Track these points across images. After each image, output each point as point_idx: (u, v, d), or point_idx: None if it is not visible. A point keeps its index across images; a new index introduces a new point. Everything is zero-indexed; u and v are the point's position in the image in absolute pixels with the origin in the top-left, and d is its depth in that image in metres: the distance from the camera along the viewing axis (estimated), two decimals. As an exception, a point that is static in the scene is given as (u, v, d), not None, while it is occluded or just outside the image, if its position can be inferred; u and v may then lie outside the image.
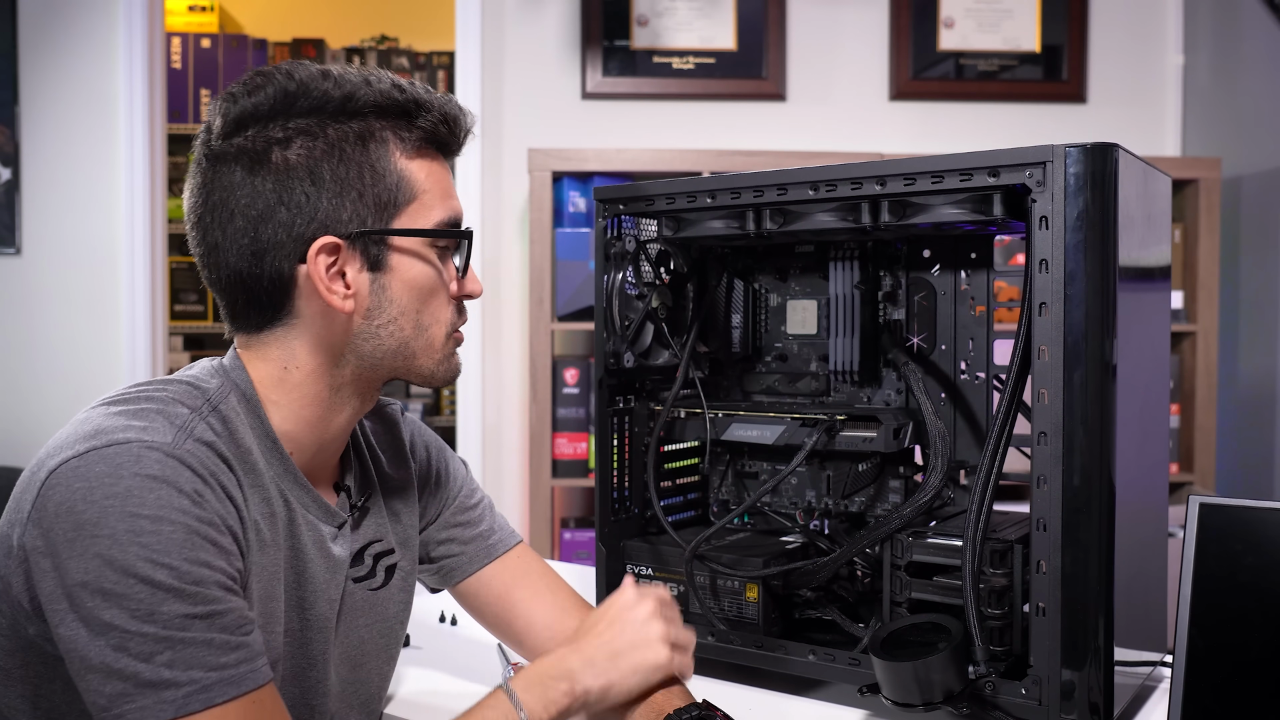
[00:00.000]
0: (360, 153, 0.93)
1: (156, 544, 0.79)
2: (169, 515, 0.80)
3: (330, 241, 0.92)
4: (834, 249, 1.31)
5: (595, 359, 1.34)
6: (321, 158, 0.92)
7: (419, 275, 0.97)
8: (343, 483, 1.06)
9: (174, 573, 0.79)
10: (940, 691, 1.01)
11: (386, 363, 0.98)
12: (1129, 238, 1.04)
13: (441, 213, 0.98)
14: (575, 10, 2.93)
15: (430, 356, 1.00)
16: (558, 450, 2.71)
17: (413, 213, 0.96)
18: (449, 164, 1.02)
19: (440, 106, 0.98)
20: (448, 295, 1.00)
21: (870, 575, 1.28)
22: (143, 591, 0.78)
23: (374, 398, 1.03)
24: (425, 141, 0.98)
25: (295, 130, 0.92)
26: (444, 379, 1.02)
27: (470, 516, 1.20)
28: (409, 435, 1.18)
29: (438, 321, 1.00)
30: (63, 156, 2.96)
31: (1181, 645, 0.95)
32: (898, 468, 1.29)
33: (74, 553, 0.79)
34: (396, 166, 0.95)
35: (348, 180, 0.93)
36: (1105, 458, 1.01)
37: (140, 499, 0.80)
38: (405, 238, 0.96)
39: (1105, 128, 2.94)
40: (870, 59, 2.97)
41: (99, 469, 0.81)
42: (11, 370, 2.99)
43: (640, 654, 1.01)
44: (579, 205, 2.78)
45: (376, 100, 0.94)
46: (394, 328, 0.97)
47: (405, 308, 0.97)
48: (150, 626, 0.78)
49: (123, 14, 2.92)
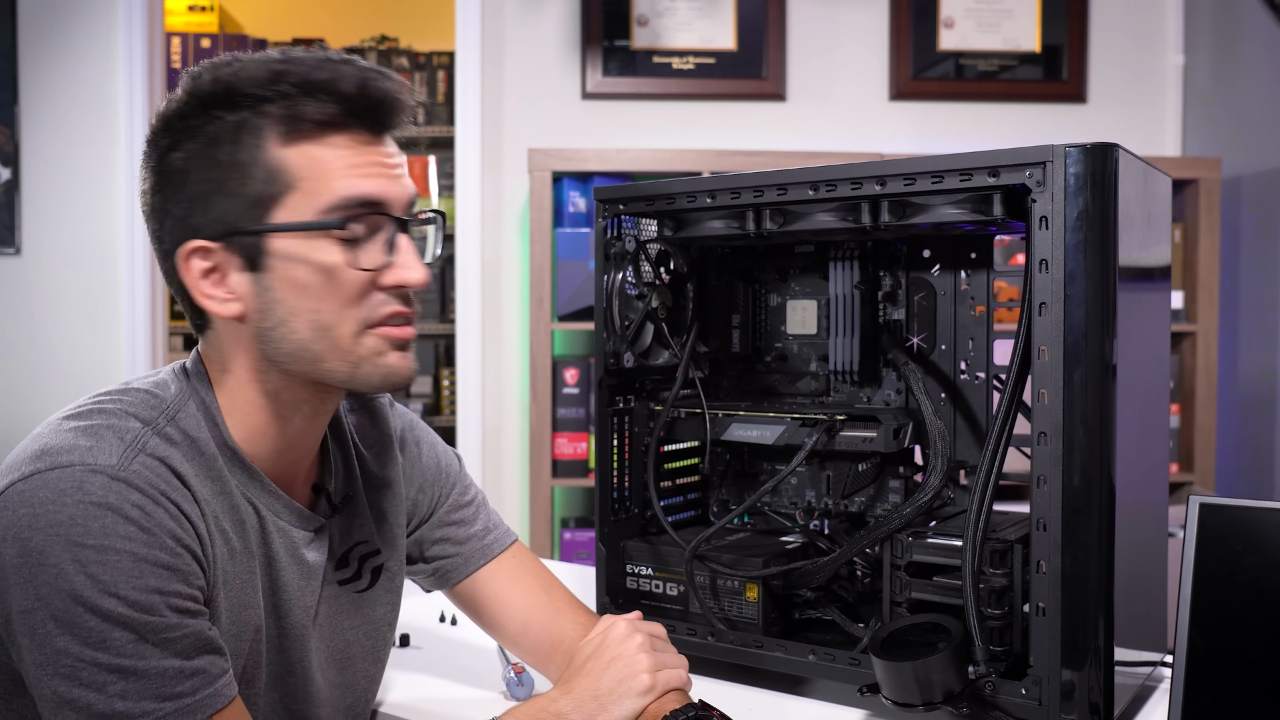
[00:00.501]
0: (231, 149, 0.88)
1: (103, 574, 0.78)
2: (114, 544, 0.79)
3: (196, 245, 0.89)
4: (834, 249, 1.31)
5: (595, 359, 1.34)
6: (194, 160, 0.89)
7: (303, 273, 0.88)
8: (321, 484, 1.03)
9: (123, 602, 0.78)
10: (940, 691, 1.01)
11: (295, 368, 0.91)
12: (1129, 238, 1.04)
13: (331, 197, 0.88)
14: (575, 10, 2.93)
15: (341, 358, 0.90)
16: (558, 450, 2.71)
17: (293, 205, 0.88)
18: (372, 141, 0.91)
19: (335, 83, 0.88)
20: (356, 289, 0.90)
21: (870, 575, 1.28)
22: (92, 621, 0.77)
23: (326, 402, 0.96)
24: (318, 124, 0.89)
25: (182, 132, 0.89)
26: (370, 383, 0.92)
27: (464, 514, 1.18)
28: (398, 429, 1.15)
29: (343, 320, 0.89)
30: (63, 156, 2.96)
31: (1181, 645, 0.95)
32: (898, 468, 1.29)
33: (22, 579, 0.78)
34: (269, 156, 0.88)
35: (214, 179, 0.88)
36: (1105, 458, 1.01)
37: (85, 528, 0.79)
38: (284, 234, 0.88)
39: (1105, 128, 2.94)
40: (870, 59, 2.97)
41: (42, 495, 0.80)
42: (11, 370, 2.99)
43: (626, 687, 1.00)
44: (579, 205, 2.78)
45: (258, 89, 0.88)
46: (285, 330, 0.90)
47: (294, 308, 0.89)
48: (103, 655, 0.78)
49: (123, 14, 2.92)
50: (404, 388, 0.95)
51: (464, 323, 2.96)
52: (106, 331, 2.97)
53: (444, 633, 1.45)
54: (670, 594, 1.30)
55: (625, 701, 1.00)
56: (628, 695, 1.00)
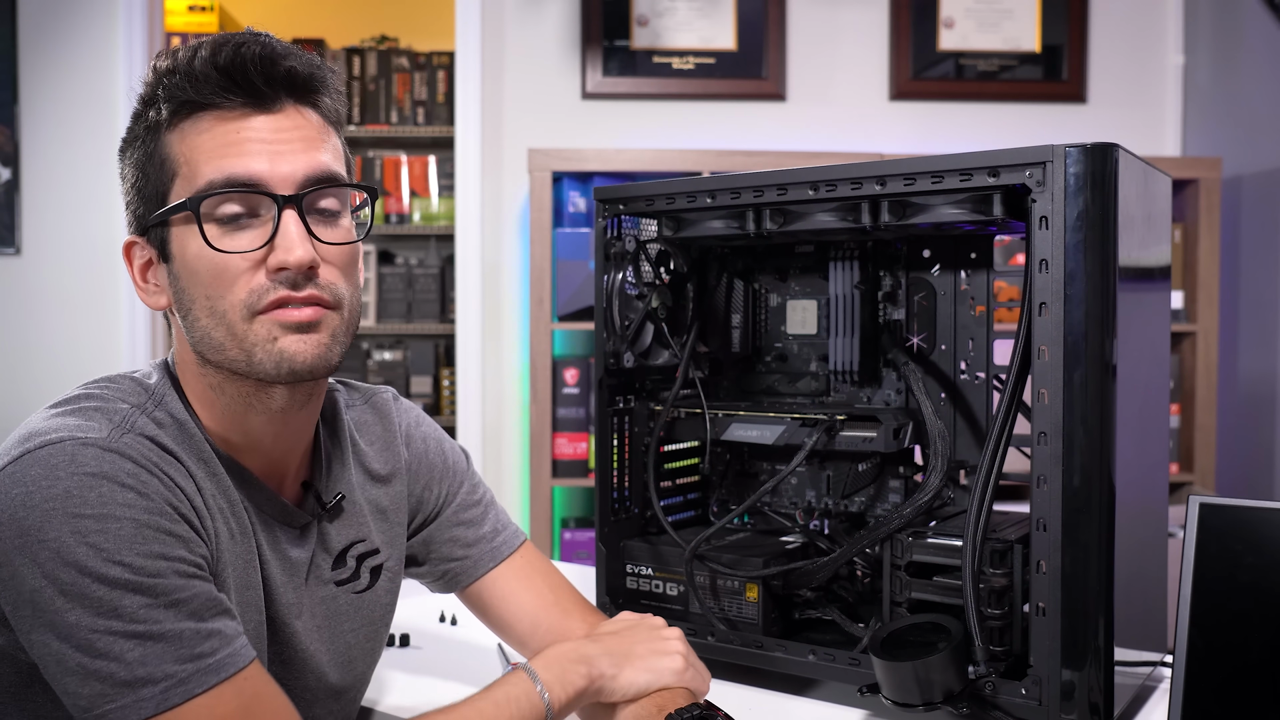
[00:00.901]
0: (143, 147, 0.91)
1: (105, 543, 0.78)
2: (113, 511, 0.79)
3: (130, 241, 0.93)
4: (834, 249, 1.31)
5: (595, 359, 1.34)
6: (127, 163, 0.93)
7: (190, 259, 0.88)
8: (311, 481, 1.01)
9: (129, 568, 0.78)
10: (940, 691, 1.01)
11: (209, 357, 0.89)
12: (1129, 238, 1.04)
13: (209, 175, 0.86)
14: (575, 10, 2.93)
15: (236, 345, 0.87)
16: (558, 450, 2.71)
17: (178, 190, 0.88)
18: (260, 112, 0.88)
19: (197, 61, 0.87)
20: (232, 273, 0.87)
21: (870, 575, 1.28)
22: (100, 590, 0.77)
23: (267, 396, 0.91)
24: (192, 105, 0.87)
25: (126, 139, 0.93)
26: (268, 371, 0.88)
27: (473, 515, 1.16)
28: (403, 425, 1.13)
29: (232, 304, 0.87)
30: (63, 156, 2.96)
31: (1181, 645, 0.95)
32: (898, 468, 1.29)
33: (25, 559, 0.78)
34: (160, 144, 0.89)
35: (136, 177, 0.92)
36: (1105, 458, 1.01)
37: (81, 498, 0.78)
38: (174, 218, 0.88)
39: (1105, 128, 2.94)
40: (870, 59, 2.97)
41: (34, 472, 0.79)
42: (11, 370, 2.99)
43: (656, 658, 1.03)
44: (579, 205, 2.78)
45: (149, 88, 0.89)
46: (192, 318, 0.89)
47: (195, 295, 0.88)
48: (116, 623, 0.77)
49: (123, 14, 2.92)
50: (312, 376, 0.89)
51: (464, 323, 2.96)
52: (106, 331, 2.97)
53: (444, 633, 1.45)
54: (670, 594, 1.30)
55: (652, 671, 1.02)
56: (656, 667, 1.02)
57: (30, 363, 2.98)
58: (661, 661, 1.03)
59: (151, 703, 0.77)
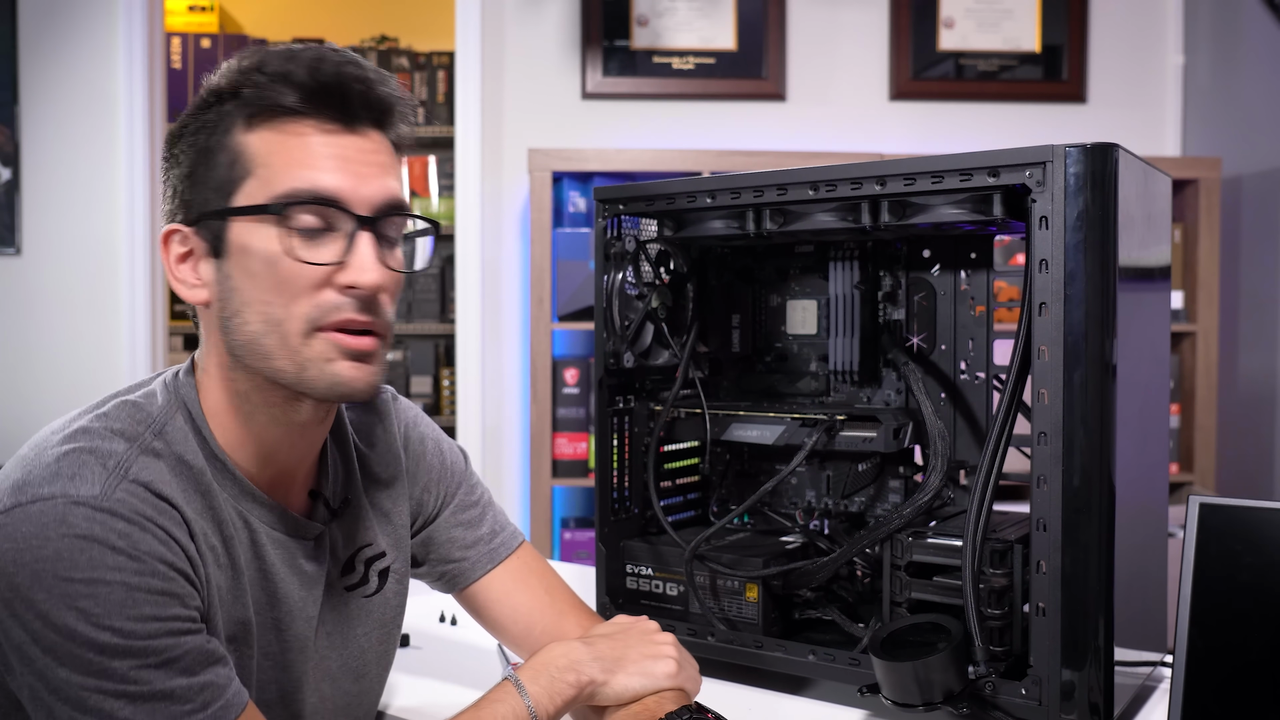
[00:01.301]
0: (207, 136, 0.89)
1: (94, 608, 0.76)
2: (103, 576, 0.77)
3: (172, 229, 0.90)
4: (834, 249, 1.31)
5: (595, 359, 1.34)
6: (184, 151, 0.90)
7: (257, 260, 0.86)
8: (318, 489, 1.00)
9: (118, 633, 0.77)
10: (940, 691, 1.01)
11: (250, 363, 0.88)
12: (1129, 238, 1.04)
13: (289, 184, 0.85)
14: (575, 10, 2.93)
15: (289, 358, 0.86)
16: (558, 450, 2.71)
17: (250, 190, 0.86)
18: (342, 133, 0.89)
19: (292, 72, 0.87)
20: (310, 285, 0.86)
21: (870, 575, 1.28)
22: (89, 653, 0.76)
23: (297, 408, 0.91)
24: (279, 111, 0.87)
25: (183, 129, 0.91)
26: (316, 388, 0.87)
27: (471, 516, 1.16)
28: (401, 425, 1.12)
29: (291, 316, 0.86)
30: (63, 156, 2.96)
31: (1181, 645, 0.95)
32: (898, 468, 1.29)
33: (15, 613, 0.77)
34: (233, 140, 0.87)
35: (193, 165, 0.89)
36: (1105, 458, 1.01)
37: (71, 561, 0.77)
38: (242, 218, 0.86)
39: (1105, 128, 2.94)
40: (870, 59, 2.97)
41: (25, 529, 0.78)
42: (11, 370, 2.99)
43: (649, 662, 1.02)
44: (579, 205, 2.78)
45: (234, 79, 0.89)
46: (239, 320, 0.87)
47: (248, 298, 0.87)
48: (107, 683, 0.76)
49: (123, 14, 2.92)
50: (360, 400, 0.90)
51: (464, 323, 2.96)
52: (106, 331, 2.97)
53: (444, 633, 1.45)
54: (670, 594, 1.30)
55: (645, 675, 1.01)
56: (650, 671, 1.01)
57: (30, 363, 2.98)
58: (655, 665, 1.02)
59: None
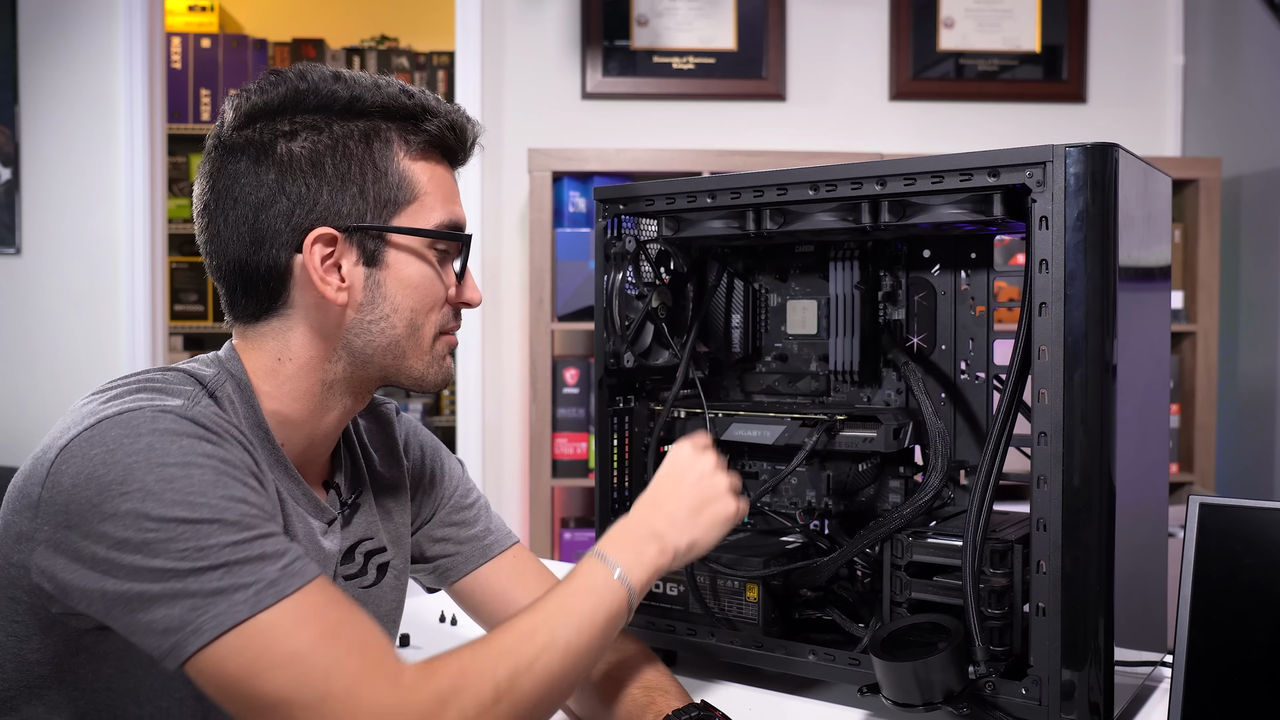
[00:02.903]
0: (364, 149, 0.95)
1: (189, 486, 0.80)
2: (196, 460, 0.81)
3: (326, 232, 0.93)
4: (834, 249, 1.31)
5: (595, 359, 1.34)
6: (325, 151, 0.94)
7: (414, 274, 0.98)
8: (332, 480, 1.06)
9: (213, 509, 0.80)
10: (940, 691, 1.01)
11: (377, 360, 0.99)
12: (1129, 238, 1.04)
13: (443, 216, 0.99)
14: (575, 10, 2.93)
15: (420, 358, 1.00)
16: (558, 450, 2.71)
17: (412, 213, 0.97)
18: (454, 173, 1.04)
19: (447, 113, 0.99)
20: (443, 298, 1.01)
21: (870, 575, 1.28)
22: (186, 532, 0.79)
23: (366, 398, 1.03)
24: (430, 145, 0.99)
25: (302, 125, 0.94)
26: (434, 383, 1.02)
27: (466, 516, 1.20)
28: (403, 435, 1.19)
29: (429, 323, 1.00)
30: (63, 156, 2.96)
31: (1181, 645, 0.95)
32: (898, 468, 1.29)
33: (104, 515, 0.79)
34: (399, 166, 0.97)
35: (349, 174, 0.94)
36: (1105, 458, 1.01)
37: (164, 450, 0.81)
38: (403, 236, 0.97)
39: (1105, 128, 2.94)
40: (870, 59, 2.97)
41: (114, 433, 0.81)
42: (11, 370, 2.99)
43: (715, 508, 1.07)
44: (579, 205, 2.78)
45: (384, 102, 0.96)
46: (385, 324, 0.97)
47: (398, 305, 0.97)
48: (202, 561, 0.79)
49: (123, 14, 2.92)
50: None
51: (464, 323, 2.96)
52: (106, 331, 2.97)
53: (444, 633, 1.45)
54: (670, 594, 1.30)
55: (716, 525, 1.07)
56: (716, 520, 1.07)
57: (30, 363, 2.98)
58: (722, 511, 1.07)
59: (245, 605, 0.78)
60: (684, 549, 1.04)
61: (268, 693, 0.78)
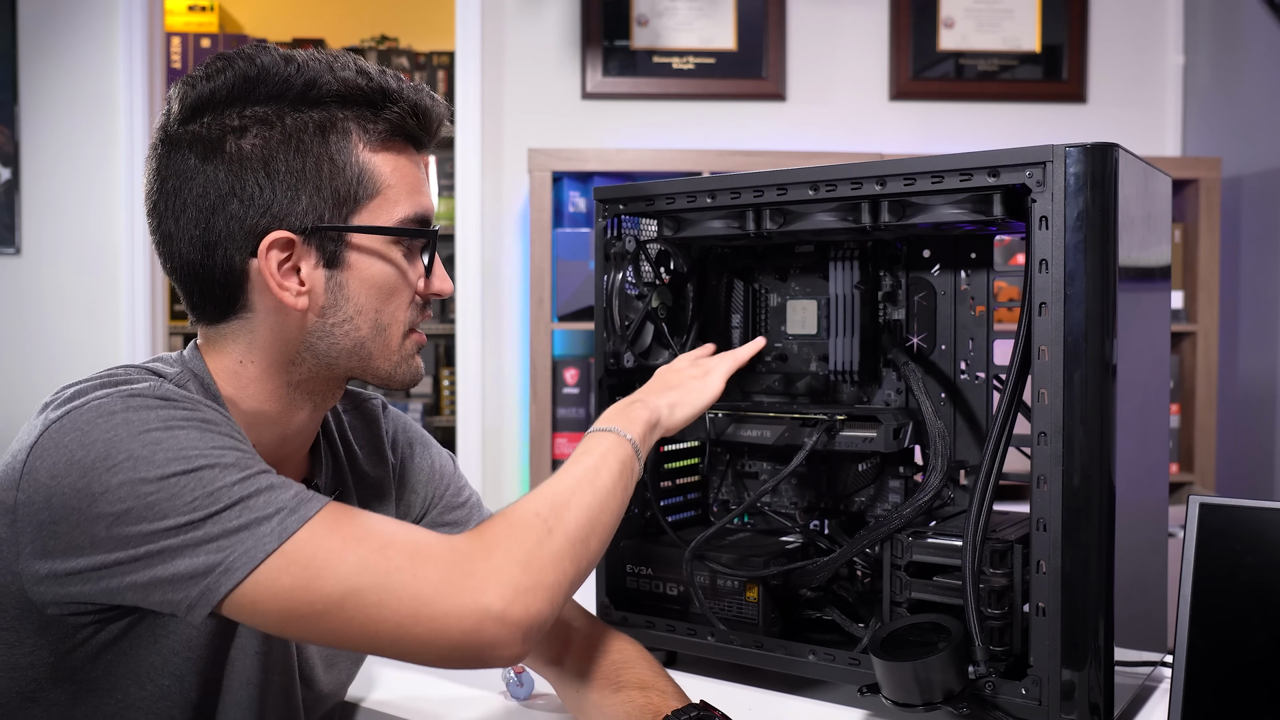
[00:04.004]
0: (319, 143, 0.89)
1: (177, 444, 0.78)
2: (177, 424, 0.80)
3: (282, 236, 0.89)
4: (834, 249, 1.31)
5: (595, 359, 1.34)
6: (277, 148, 0.88)
7: (379, 274, 0.93)
8: (310, 479, 1.03)
9: (208, 457, 0.79)
10: (940, 691, 1.01)
11: (342, 363, 0.95)
12: (1129, 238, 1.04)
13: (407, 209, 0.94)
14: (575, 10, 2.93)
15: (388, 358, 0.96)
16: (558, 450, 2.71)
17: (375, 208, 0.92)
18: (420, 158, 0.98)
19: (409, 96, 0.93)
20: (410, 294, 0.96)
21: (870, 575, 1.28)
22: (189, 482, 0.77)
23: (335, 395, 1.00)
24: (392, 134, 0.93)
25: (252, 118, 0.89)
26: (402, 381, 0.98)
27: (458, 516, 1.18)
28: (389, 431, 1.16)
29: (396, 321, 0.95)
30: (63, 156, 2.96)
31: (1181, 645, 0.95)
32: (898, 468, 1.29)
33: (94, 496, 0.76)
34: (358, 159, 0.91)
35: (304, 172, 0.89)
36: (1105, 458, 1.01)
37: (143, 419, 0.79)
38: (365, 235, 0.92)
39: (1105, 128, 2.94)
40: (870, 59, 2.97)
41: (86, 418, 0.79)
42: (11, 370, 2.99)
43: (693, 383, 1.14)
44: (579, 205, 2.78)
45: (339, 89, 0.90)
46: (349, 327, 0.93)
47: (363, 306, 0.93)
48: (215, 505, 0.77)
49: (123, 14, 2.92)
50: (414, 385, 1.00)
51: (464, 323, 2.96)
52: (106, 331, 2.97)
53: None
54: (670, 594, 1.30)
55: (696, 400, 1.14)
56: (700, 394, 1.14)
57: (30, 363, 2.98)
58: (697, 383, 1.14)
59: (273, 536, 0.77)
60: (665, 408, 1.09)
61: (329, 589, 0.77)
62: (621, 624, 1.30)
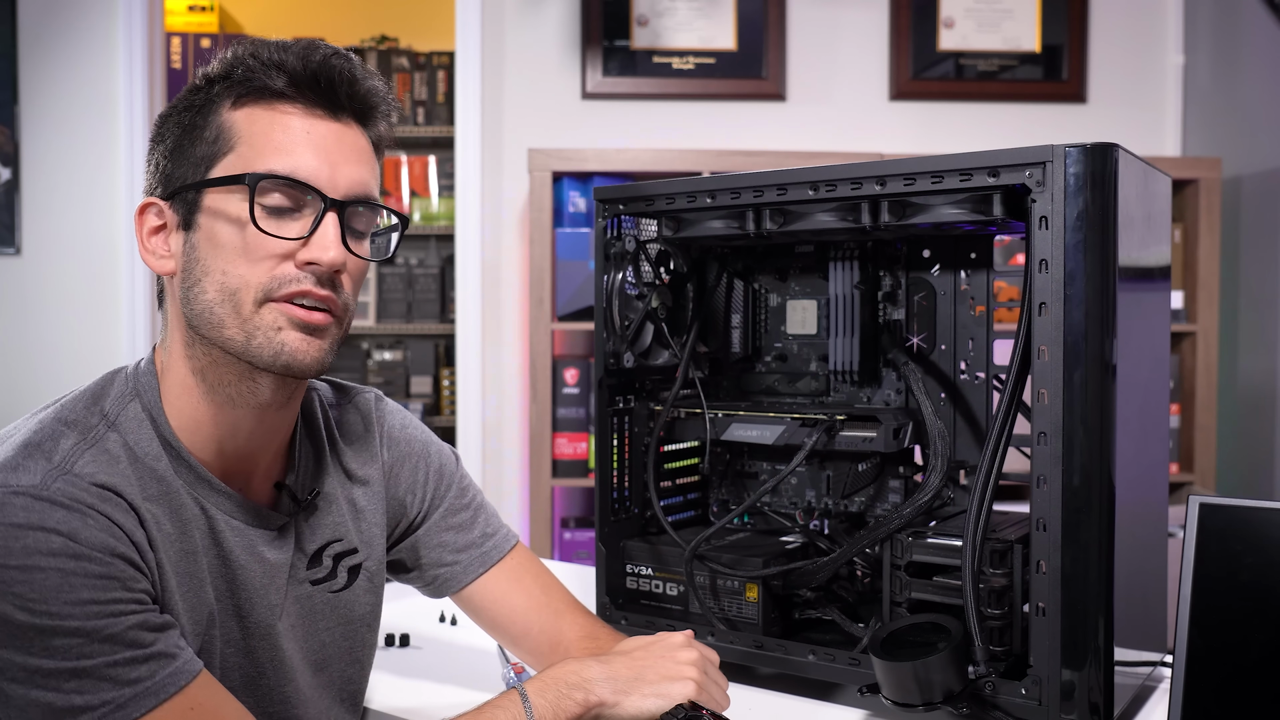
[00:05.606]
0: (194, 114, 0.92)
1: (30, 593, 0.77)
2: (38, 563, 0.78)
3: (148, 202, 0.93)
4: (834, 249, 1.31)
5: (595, 359, 1.34)
6: (170, 128, 0.93)
7: (222, 233, 0.89)
8: (284, 480, 1.01)
9: (55, 616, 0.78)
10: (940, 691, 1.01)
11: (204, 332, 0.90)
12: (1129, 238, 1.04)
13: (265, 164, 0.88)
14: (575, 10, 2.93)
15: (239, 326, 0.88)
16: (558, 450, 2.71)
17: (229, 165, 0.89)
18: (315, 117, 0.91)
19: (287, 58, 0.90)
20: (270, 256, 0.88)
21: (870, 575, 1.28)
22: (30, 634, 0.77)
23: (255, 386, 0.92)
24: (258, 91, 0.90)
25: (170, 111, 0.94)
26: (264, 359, 0.89)
27: (462, 519, 1.16)
28: (382, 426, 1.12)
29: (246, 285, 0.88)
30: (63, 156, 2.96)
31: (1181, 645, 0.95)
32: (898, 468, 1.29)
33: None
34: (220, 118, 0.90)
35: (181, 140, 0.92)
36: (1105, 458, 1.01)
37: (6, 549, 0.78)
38: (216, 192, 0.89)
39: (1105, 128, 2.94)
40: (870, 59, 2.97)
41: None
42: (11, 370, 2.99)
43: (666, 683, 0.99)
44: (579, 205, 2.78)
45: (222, 67, 0.92)
46: (199, 290, 0.89)
47: (208, 267, 0.89)
48: (49, 662, 0.78)
49: (123, 14, 2.92)
50: (304, 375, 0.91)
51: (464, 323, 2.96)
52: (106, 331, 2.97)
53: (444, 633, 1.45)
54: (670, 594, 1.30)
55: (661, 696, 0.98)
56: (666, 693, 0.98)
57: (30, 363, 2.98)
58: (672, 687, 0.99)
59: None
60: (609, 704, 0.96)
61: None
62: (621, 624, 1.30)
